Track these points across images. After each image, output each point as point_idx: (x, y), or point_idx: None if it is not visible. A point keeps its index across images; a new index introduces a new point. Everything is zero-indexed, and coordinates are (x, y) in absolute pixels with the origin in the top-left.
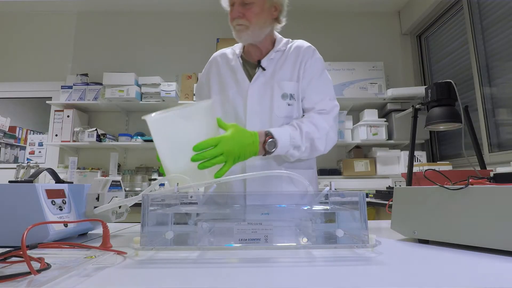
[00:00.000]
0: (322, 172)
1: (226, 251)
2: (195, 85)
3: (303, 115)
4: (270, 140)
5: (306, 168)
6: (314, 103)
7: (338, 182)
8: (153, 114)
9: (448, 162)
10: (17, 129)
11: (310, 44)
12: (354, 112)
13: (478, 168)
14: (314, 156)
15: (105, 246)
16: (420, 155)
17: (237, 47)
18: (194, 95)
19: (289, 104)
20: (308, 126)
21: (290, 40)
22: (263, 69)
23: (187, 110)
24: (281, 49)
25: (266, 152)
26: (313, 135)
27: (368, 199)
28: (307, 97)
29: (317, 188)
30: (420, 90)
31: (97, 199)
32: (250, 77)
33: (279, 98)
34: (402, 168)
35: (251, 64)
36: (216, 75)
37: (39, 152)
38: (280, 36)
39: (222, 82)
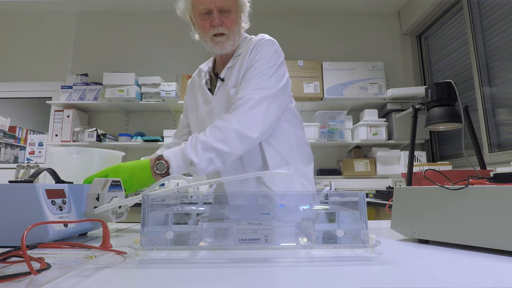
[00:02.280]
0: (322, 172)
1: (226, 251)
2: None
3: None
4: (158, 162)
5: (281, 165)
6: (236, 100)
7: (338, 182)
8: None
9: (448, 162)
10: (17, 129)
11: (262, 36)
12: (354, 112)
13: (478, 168)
14: (234, 158)
15: (105, 246)
16: (420, 155)
17: (210, 62)
18: None
19: None
20: (208, 132)
21: (253, 37)
22: (222, 80)
23: (82, 149)
24: (238, 54)
25: (163, 175)
26: (212, 142)
27: (368, 199)
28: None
29: (311, 185)
30: (420, 90)
31: (97, 199)
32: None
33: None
34: (402, 168)
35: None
36: (192, 94)
37: (39, 152)
38: (244, 35)
39: (195, 101)
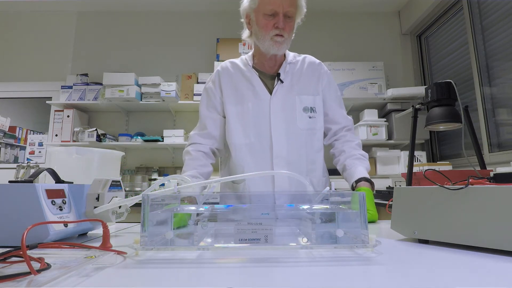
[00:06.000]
0: None
1: (226, 251)
2: (195, 85)
3: (328, 128)
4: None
5: (323, 175)
6: (344, 121)
7: (338, 182)
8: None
9: (448, 162)
10: (17, 129)
11: (319, 61)
12: (354, 112)
13: (478, 168)
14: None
15: (105, 246)
16: (420, 155)
17: (248, 58)
18: (194, 95)
19: (310, 117)
20: (360, 149)
21: (296, 54)
22: (281, 81)
23: (82, 149)
24: (293, 61)
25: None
26: (365, 155)
27: None
28: (337, 115)
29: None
30: (420, 90)
31: (97, 199)
32: (267, 88)
33: (301, 111)
34: (402, 168)
35: (266, 75)
36: (230, 85)
37: (39, 152)
38: None
39: (239, 93)
